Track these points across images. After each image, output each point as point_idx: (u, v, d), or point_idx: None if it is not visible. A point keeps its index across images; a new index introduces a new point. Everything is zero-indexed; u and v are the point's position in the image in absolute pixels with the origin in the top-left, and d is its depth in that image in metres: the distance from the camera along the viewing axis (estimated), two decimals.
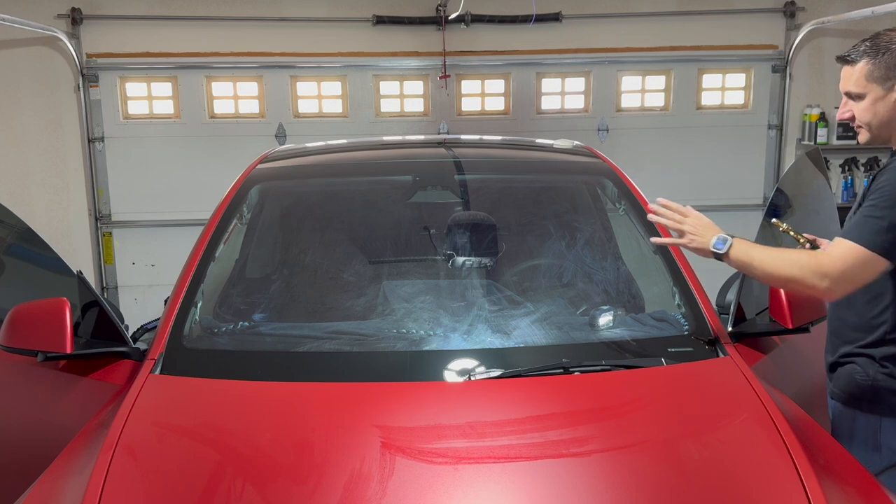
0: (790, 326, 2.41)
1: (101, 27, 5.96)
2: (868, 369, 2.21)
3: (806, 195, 3.29)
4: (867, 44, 2.12)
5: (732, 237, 2.15)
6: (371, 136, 6.07)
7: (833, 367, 2.34)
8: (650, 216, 2.30)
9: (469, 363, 2.13)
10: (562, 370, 2.09)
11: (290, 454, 1.80)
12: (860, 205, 2.13)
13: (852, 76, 2.13)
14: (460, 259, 2.65)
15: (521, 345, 2.26)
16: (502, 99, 6.40)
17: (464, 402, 1.99)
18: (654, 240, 2.37)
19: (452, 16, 5.90)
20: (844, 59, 2.15)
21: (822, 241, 2.41)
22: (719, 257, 2.14)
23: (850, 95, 2.16)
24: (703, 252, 2.17)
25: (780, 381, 2.32)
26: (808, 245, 2.37)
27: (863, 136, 2.20)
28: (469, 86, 6.37)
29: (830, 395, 2.35)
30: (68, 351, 2.23)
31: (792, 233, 2.43)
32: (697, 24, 6.27)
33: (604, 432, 1.89)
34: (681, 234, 2.22)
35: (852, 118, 2.17)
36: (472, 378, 2.06)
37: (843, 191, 6.29)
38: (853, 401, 2.25)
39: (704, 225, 2.20)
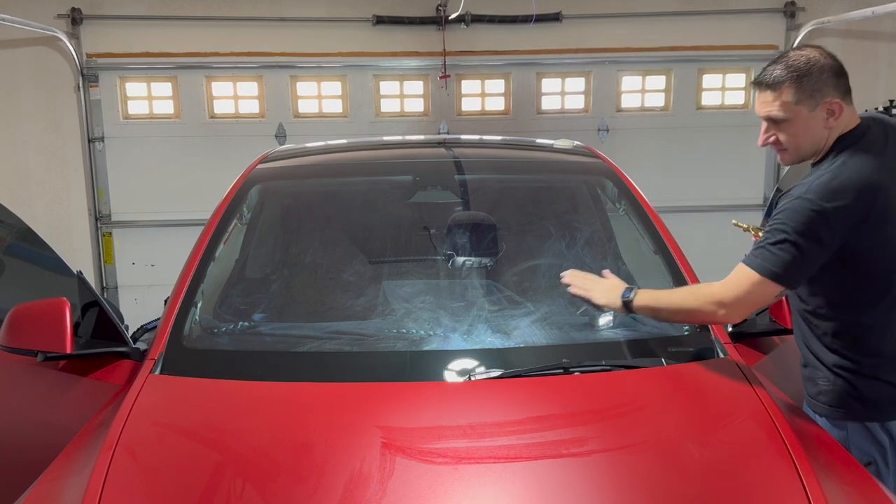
0: (790, 326, 2.41)
1: (101, 27, 5.96)
2: (827, 376, 2.23)
3: None
4: (784, 67, 2.09)
5: (637, 288, 2.22)
6: (371, 136, 6.07)
7: (803, 374, 2.36)
8: (564, 285, 2.35)
9: (469, 363, 2.13)
10: (562, 370, 2.09)
11: (290, 454, 1.79)
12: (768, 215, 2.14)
13: (775, 101, 2.10)
14: (460, 259, 2.65)
15: (522, 345, 2.26)
16: (502, 99, 6.40)
17: (464, 403, 1.99)
18: (565, 281, 2.37)
19: (452, 16, 5.90)
20: (764, 84, 2.12)
21: None
22: (629, 308, 2.20)
23: (772, 120, 2.13)
24: (614, 306, 2.23)
25: (780, 381, 2.33)
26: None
27: (787, 158, 2.19)
28: (469, 86, 6.37)
29: (805, 402, 2.36)
30: (68, 351, 2.23)
31: (752, 230, 2.44)
32: (697, 24, 6.27)
33: (604, 432, 1.89)
34: (586, 292, 2.29)
35: (776, 142, 2.15)
36: (473, 378, 2.06)
37: None
38: (820, 406, 2.26)
39: (608, 282, 2.29)
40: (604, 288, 2.27)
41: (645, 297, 2.20)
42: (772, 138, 2.16)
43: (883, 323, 2.16)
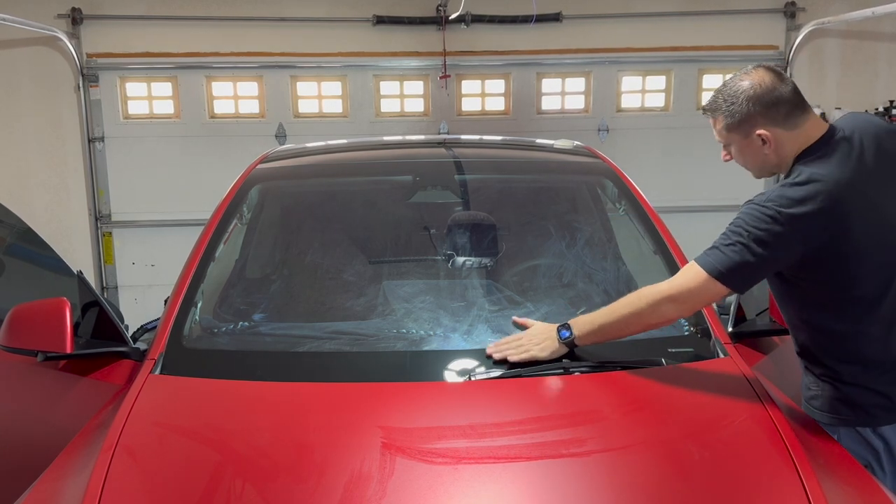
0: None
1: (101, 27, 5.96)
2: (816, 382, 2.23)
3: None
4: (719, 95, 2.17)
5: (568, 322, 2.14)
6: (371, 136, 6.07)
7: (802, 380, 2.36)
8: (494, 356, 2.14)
9: (469, 363, 2.13)
10: (562, 370, 2.09)
11: (290, 454, 1.79)
12: None
13: (714, 127, 2.20)
14: (460, 259, 2.65)
15: None
16: (502, 99, 6.40)
17: (464, 403, 1.99)
18: (496, 356, 2.15)
19: (452, 16, 5.90)
20: (706, 112, 2.23)
21: None
22: (571, 344, 2.13)
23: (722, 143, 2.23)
24: (555, 350, 2.13)
25: (780, 381, 2.32)
26: None
27: (753, 174, 2.29)
28: (469, 86, 6.37)
29: (803, 406, 2.34)
30: (68, 351, 2.23)
31: None
32: (697, 24, 6.27)
33: (604, 433, 1.89)
34: (526, 352, 2.13)
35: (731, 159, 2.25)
36: (473, 378, 2.06)
37: None
38: (814, 412, 2.25)
39: (539, 330, 2.18)
40: (537, 338, 2.14)
41: (584, 325, 2.11)
42: (728, 157, 2.25)
43: (855, 331, 2.11)
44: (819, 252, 2.02)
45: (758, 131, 2.11)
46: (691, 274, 2.06)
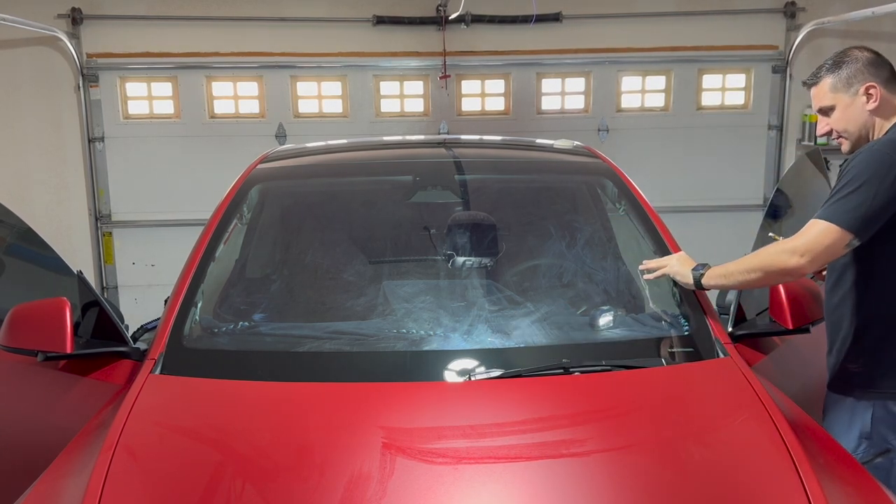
0: (790, 327, 2.41)
1: (102, 27, 5.96)
2: (856, 357, 2.31)
3: (806, 196, 3.29)
4: (827, 63, 2.37)
5: (707, 264, 2.36)
6: (371, 136, 6.07)
7: (828, 359, 2.43)
8: (646, 277, 2.53)
9: (469, 363, 2.13)
10: (562, 370, 2.09)
11: (290, 454, 1.80)
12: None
13: (820, 93, 2.37)
14: (460, 259, 2.65)
15: (522, 345, 2.26)
16: (502, 99, 6.40)
17: (464, 403, 1.99)
18: (645, 276, 2.54)
19: (452, 16, 5.90)
20: (811, 83, 2.41)
21: None
22: (699, 279, 2.33)
23: (822, 111, 2.38)
24: (685, 279, 2.37)
25: (780, 381, 2.33)
26: None
27: (845, 146, 2.39)
28: (469, 86, 6.37)
29: (828, 385, 2.42)
30: (68, 351, 2.23)
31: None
32: (697, 24, 6.26)
33: (604, 432, 1.89)
34: (667, 269, 2.46)
35: (831, 132, 2.38)
36: (473, 378, 2.06)
37: None
38: (846, 388, 2.30)
39: (682, 259, 2.44)
40: (679, 261, 2.42)
41: (716, 268, 2.32)
42: (826, 128, 2.38)
43: None
44: None
45: (865, 85, 2.29)
46: (813, 227, 2.17)
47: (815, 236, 2.15)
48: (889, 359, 2.26)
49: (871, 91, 2.28)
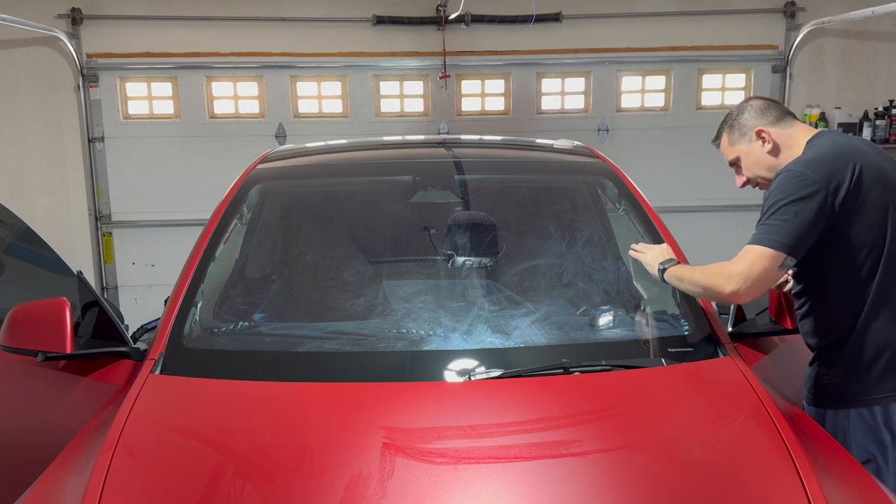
0: (790, 327, 2.42)
1: (101, 27, 5.96)
2: (828, 369, 2.30)
3: None
4: (721, 125, 2.52)
5: (676, 262, 2.41)
6: (371, 136, 6.07)
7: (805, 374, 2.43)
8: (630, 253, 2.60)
9: (469, 363, 2.13)
10: (562, 370, 2.08)
11: (290, 454, 1.80)
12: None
13: (724, 149, 2.52)
14: (460, 259, 2.65)
15: (521, 345, 2.25)
16: (502, 99, 6.40)
17: (464, 403, 1.99)
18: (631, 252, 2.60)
19: (452, 16, 5.90)
20: (715, 143, 2.56)
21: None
22: (662, 272, 2.39)
23: (733, 164, 2.51)
24: (651, 271, 2.45)
25: (780, 381, 2.33)
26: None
27: (764, 187, 2.44)
28: (469, 86, 6.37)
29: (804, 399, 2.41)
30: (68, 351, 2.23)
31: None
32: (697, 24, 6.27)
33: (604, 432, 1.89)
34: (641, 255, 2.54)
35: (747, 181, 2.50)
36: (472, 378, 2.06)
37: None
38: (823, 400, 2.30)
39: (662, 251, 2.49)
40: (654, 254, 2.47)
41: (676, 269, 2.36)
42: (742, 179, 2.52)
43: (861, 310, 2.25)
44: (845, 202, 2.19)
45: (755, 130, 2.39)
46: (746, 252, 2.20)
47: (749, 262, 2.17)
48: (861, 368, 2.24)
49: (763, 135, 2.38)
